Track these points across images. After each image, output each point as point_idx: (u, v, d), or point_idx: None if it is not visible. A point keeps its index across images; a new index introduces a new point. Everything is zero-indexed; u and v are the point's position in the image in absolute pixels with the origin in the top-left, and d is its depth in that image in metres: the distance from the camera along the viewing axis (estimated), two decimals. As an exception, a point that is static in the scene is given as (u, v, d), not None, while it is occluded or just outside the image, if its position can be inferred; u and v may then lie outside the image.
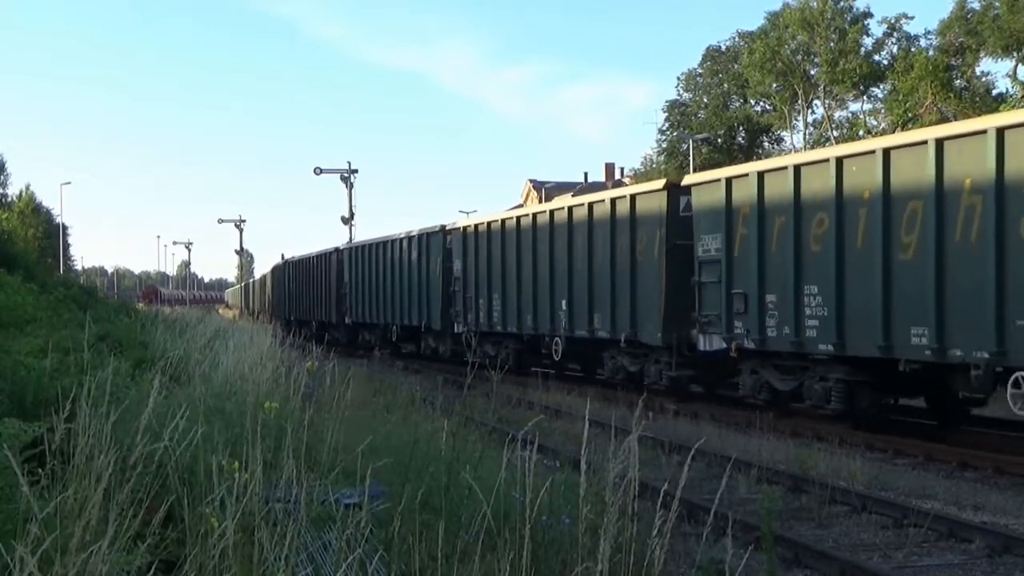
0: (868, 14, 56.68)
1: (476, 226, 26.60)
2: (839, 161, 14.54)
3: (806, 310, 15.18)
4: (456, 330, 26.93)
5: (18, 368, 8.23)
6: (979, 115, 37.78)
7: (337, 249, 39.12)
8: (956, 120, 31.99)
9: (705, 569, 6.70)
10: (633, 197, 19.86)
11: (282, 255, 58.90)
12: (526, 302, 23.57)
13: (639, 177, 61.73)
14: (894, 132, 42.67)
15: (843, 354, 14.60)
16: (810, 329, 15.10)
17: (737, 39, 64.77)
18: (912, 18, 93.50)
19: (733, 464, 9.49)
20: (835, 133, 57.29)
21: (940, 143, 12.95)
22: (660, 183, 19.82)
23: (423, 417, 10.46)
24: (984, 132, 12.36)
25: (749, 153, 61.11)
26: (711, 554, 6.97)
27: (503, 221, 25.27)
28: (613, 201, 20.57)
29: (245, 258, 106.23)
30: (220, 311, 79.39)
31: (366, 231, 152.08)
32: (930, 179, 12.93)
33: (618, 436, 5.32)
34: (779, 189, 15.76)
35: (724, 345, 17.00)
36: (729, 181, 17.04)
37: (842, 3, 56.78)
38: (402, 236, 31.37)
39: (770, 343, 16.00)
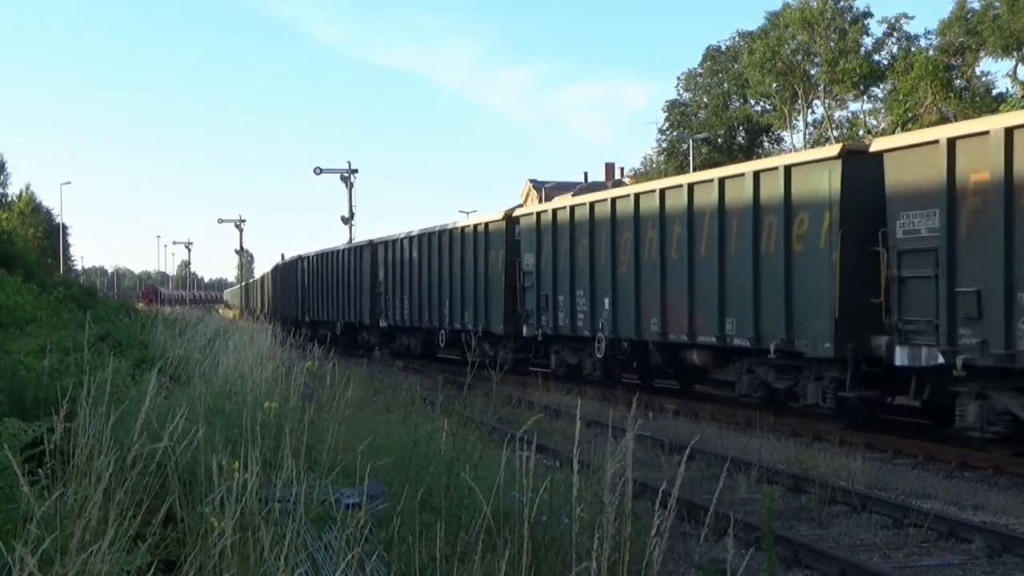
0: (868, 14, 56.78)
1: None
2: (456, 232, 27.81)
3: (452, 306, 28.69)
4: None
5: (18, 368, 8.23)
6: (979, 115, 37.82)
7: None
8: (957, 120, 31.97)
9: (705, 569, 6.70)
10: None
11: (282, 255, 58.95)
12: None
13: (639, 177, 61.76)
14: (894, 132, 42.65)
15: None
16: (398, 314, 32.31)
17: (737, 39, 64.81)
18: (912, 18, 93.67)
19: (733, 464, 9.51)
20: (835, 133, 57.31)
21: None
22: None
23: (423, 417, 10.47)
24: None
25: (749, 153, 61.12)
26: (711, 554, 6.98)
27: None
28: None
29: (245, 258, 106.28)
30: (220, 311, 79.42)
31: (366, 231, 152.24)
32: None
33: (617, 436, 5.32)
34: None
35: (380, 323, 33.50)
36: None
37: (842, 3, 56.83)
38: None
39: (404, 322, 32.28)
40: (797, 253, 15.09)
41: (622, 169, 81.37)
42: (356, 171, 54.74)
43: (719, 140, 63.27)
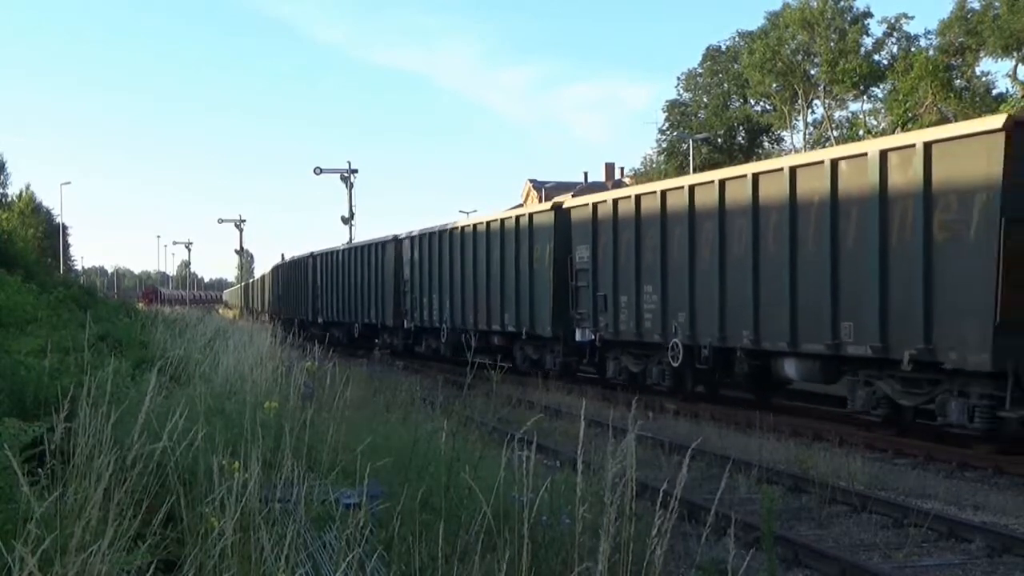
0: (868, 14, 56.71)
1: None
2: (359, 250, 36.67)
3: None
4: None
5: (18, 368, 8.22)
6: (980, 115, 37.81)
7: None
8: (957, 121, 32.06)
9: (705, 569, 6.69)
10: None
11: (282, 255, 59.15)
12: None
13: (639, 177, 61.75)
14: (894, 132, 42.67)
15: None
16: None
17: (737, 39, 64.77)
18: (912, 18, 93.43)
19: (733, 464, 9.50)
20: (835, 133, 57.31)
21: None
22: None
23: (423, 417, 10.47)
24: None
25: (749, 153, 61.12)
26: (711, 554, 6.97)
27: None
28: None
29: (245, 258, 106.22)
30: (220, 311, 79.42)
31: (366, 231, 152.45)
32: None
33: (617, 436, 5.31)
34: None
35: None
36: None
37: (842, 3, 56.79)
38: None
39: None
40: (536, 270, 23.35)
41: (622, 169, 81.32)
42: (356, 171, 54.85)
43: (719, 140, 63.24)
